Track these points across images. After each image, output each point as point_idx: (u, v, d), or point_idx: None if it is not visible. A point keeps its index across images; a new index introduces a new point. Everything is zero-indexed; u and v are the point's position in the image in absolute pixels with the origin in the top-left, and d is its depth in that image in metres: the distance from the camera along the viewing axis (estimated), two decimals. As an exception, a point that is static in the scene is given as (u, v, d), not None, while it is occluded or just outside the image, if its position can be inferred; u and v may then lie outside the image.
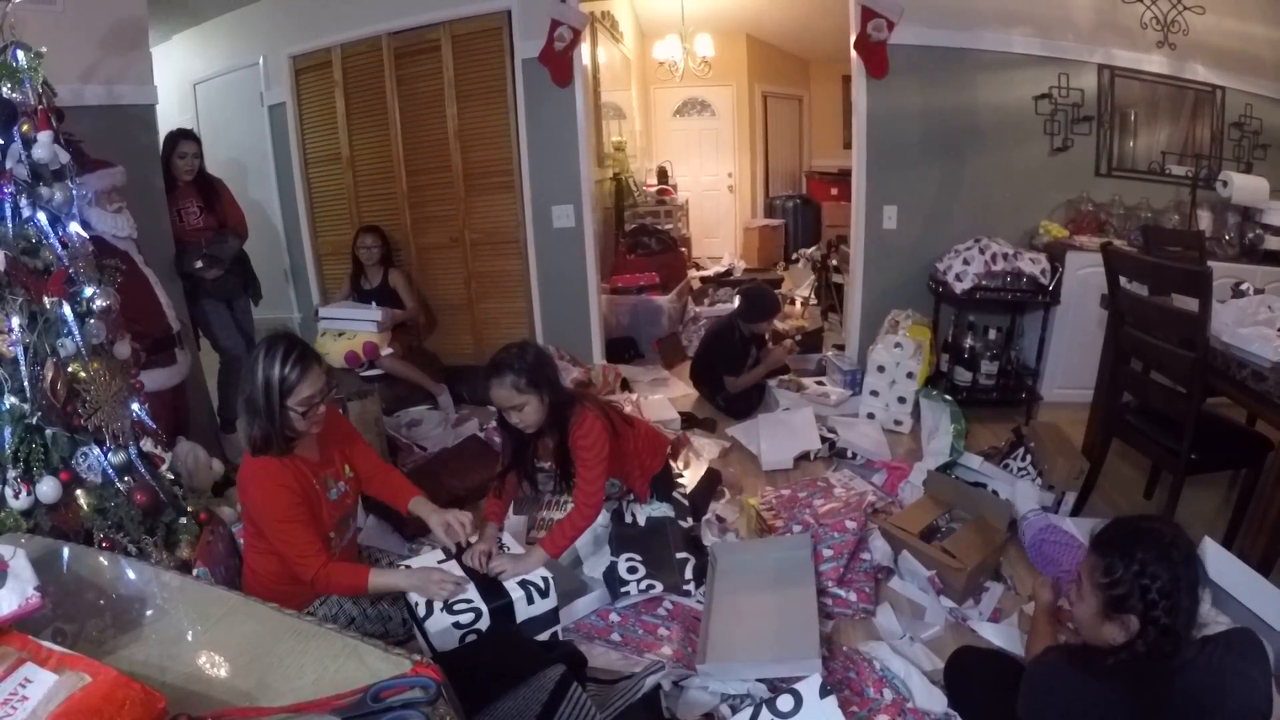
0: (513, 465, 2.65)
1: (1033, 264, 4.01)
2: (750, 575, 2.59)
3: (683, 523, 2.84)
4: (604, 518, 2.76)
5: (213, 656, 1.12)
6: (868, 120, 4.33)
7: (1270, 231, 4.09)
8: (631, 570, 2.55)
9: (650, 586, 2.52)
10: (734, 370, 4.30)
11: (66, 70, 2.99)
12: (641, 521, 2.81)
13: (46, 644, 0.98)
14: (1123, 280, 2.87)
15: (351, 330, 4.26)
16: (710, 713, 2.05)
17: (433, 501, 2.44)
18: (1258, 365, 2.42)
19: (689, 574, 2.57)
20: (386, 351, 4.26)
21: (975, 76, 4.26)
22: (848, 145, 8.47)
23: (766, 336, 4.68)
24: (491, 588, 2.14)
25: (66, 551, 1.42)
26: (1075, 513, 3.05)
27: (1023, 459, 3.32)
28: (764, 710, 1.83)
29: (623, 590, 2.51)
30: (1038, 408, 4.19)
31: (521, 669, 1.67)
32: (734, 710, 2.03)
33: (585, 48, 4.46)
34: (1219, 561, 2.15)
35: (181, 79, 5.38)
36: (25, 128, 2.02)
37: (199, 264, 3.67)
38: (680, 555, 2.62)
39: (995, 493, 3.07)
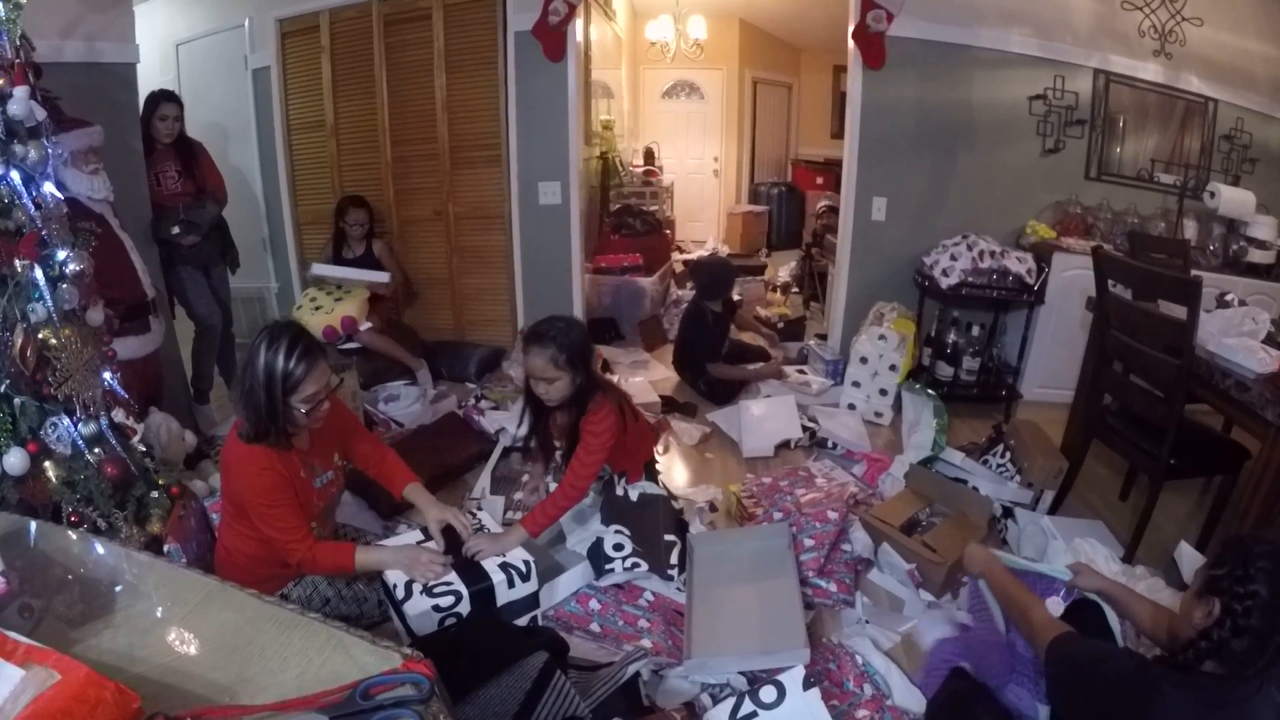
0: (532, 434, 2.73)
1: (1019, 263, 4.02)
2: (730, 566, 2.58)
3: (675, 502, 2.82)
4: (589, 499, 2.73)
5: (189, 647, 1.07)
6: (861, 111, 4.29)
7: (1254, 244, 4.14)
8: (617, 547, 2.51)
9: (635, 565, 2.48)
10: (714, 353, 4.30)
11: (46, 24, 2.89)
12: (634, 497, 2.78)
13: (13, 635, 0.92)
14: (1111, 284, 2.88)
15: (350, 285, 4.25)
16: (690, 702, 2.04)
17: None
18: (1242, 376, 2.45)
19: (674, 559, 2.54)
20: (365, 326, 4.20)
21: (971, 73, 4.24)
22: (835, 135, 8.53)
23: (738, 299, 4.69)
24: (472, 571, 2.11)
25: (34, 526, 1.37)
26: (1052, 511, 3.07)
27: (1002, 456, 3.34)
28: (746, 701, 1.82)
29: (607, 568, 2.47)
30: (1017, 406, 4.22)
31: (504, 655, 1.64)
32: (714, 699, 2.02)
33: (578, 23, 4.38)
34: (1194, 566, 2.17)
35: (164, 38, 5.22)
36: (1, 82, 1.94)
37: (176, 229, 3.57)
38: (668, 538, 2.59)
39: (976, 489, 3.08)
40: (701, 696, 2.06)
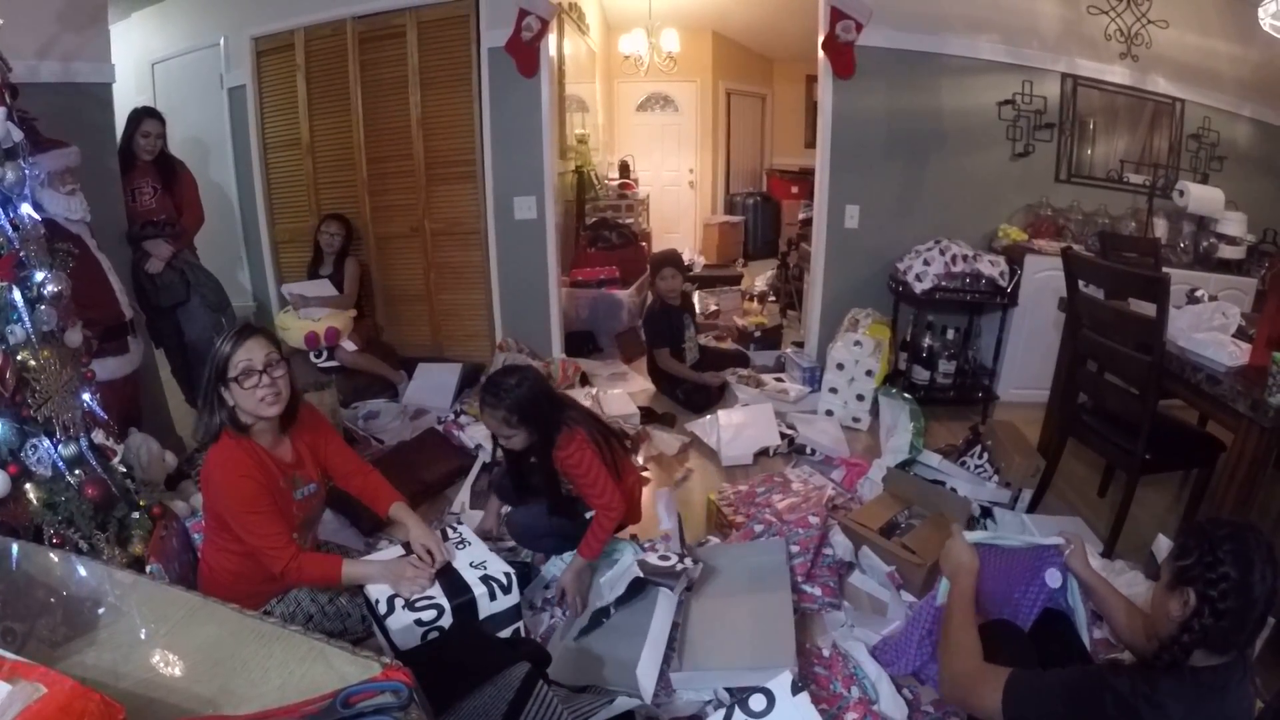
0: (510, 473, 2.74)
1: (992, 266, 4.07)
2: (724, 579, 2.52)
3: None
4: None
5: (172, 661, 1.08)
6: (833, 120, 4.35)
7: (1224, 240, 4.22)
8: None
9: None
10: (660, 340, 4.37)
11: (22, 44, 2.90)
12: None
13: (-1, 652, 0.93)
14: (1081, 284, 2.92)
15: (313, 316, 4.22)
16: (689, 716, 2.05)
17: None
18: (1212, 370, 2.49)
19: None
20: (350, 347, 4.19)
21: (941, 80, 4.31)
22: (809, 144, 8.58)
23: (693, 301, 4.89)
24: (454, 584, 2.11)
25: (16, 548, 1.36)
26: (1031, 509, 3.11)
27: (979, 457, 3.37)
28: (736, 710, 1.82)
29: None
30: (994, 407, 4.26)
31: (486, 667, 1.64)
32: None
33: (552, 39, 4.42)
34: (1172, 560, 2.20)
35: (140, 58, 5.22)
36: (-22, 104, 1.95)
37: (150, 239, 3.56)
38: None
39: (954, 490, 3.11)
40: (705, 707, 2.06)
